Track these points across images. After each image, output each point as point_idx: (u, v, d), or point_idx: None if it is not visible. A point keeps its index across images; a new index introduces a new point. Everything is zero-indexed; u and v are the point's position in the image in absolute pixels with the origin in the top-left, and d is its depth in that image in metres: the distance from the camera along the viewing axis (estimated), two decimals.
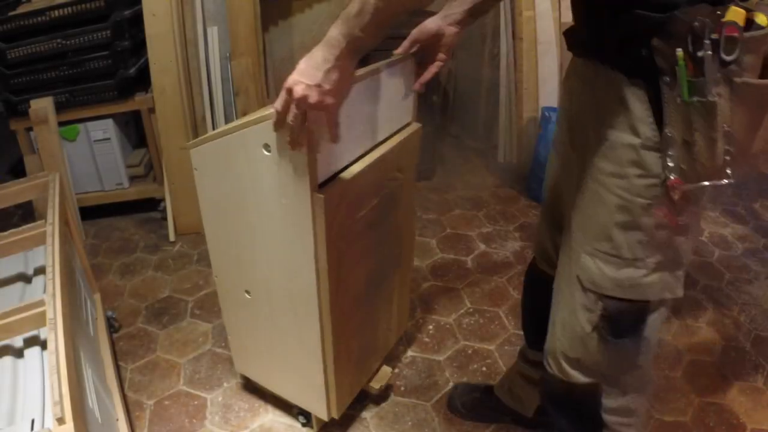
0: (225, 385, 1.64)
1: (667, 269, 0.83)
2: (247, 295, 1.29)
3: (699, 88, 0.68)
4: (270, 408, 1.56)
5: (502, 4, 2.73)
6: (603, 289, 0.84)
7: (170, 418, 1.53)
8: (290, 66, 0.88)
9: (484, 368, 1.68)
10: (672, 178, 0.74)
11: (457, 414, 1.50)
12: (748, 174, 0.77)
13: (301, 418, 1.49)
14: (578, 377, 0.93)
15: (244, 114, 2.55)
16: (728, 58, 0.67)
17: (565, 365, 0.94)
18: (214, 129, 2.52)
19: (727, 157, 0.71)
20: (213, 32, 2.43)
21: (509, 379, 1.42)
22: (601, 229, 0.83)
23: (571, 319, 0.90)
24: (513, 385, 1.39)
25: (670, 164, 0.74)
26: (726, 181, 0.73)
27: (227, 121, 2.57)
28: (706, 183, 0.74)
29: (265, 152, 1.02)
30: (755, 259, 2.17)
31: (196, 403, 1.58)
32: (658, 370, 1.66)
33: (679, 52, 0.68)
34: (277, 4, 2.76)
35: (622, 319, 0.85)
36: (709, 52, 0.67)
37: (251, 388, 1.62)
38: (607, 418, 0.96)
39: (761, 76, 0.70)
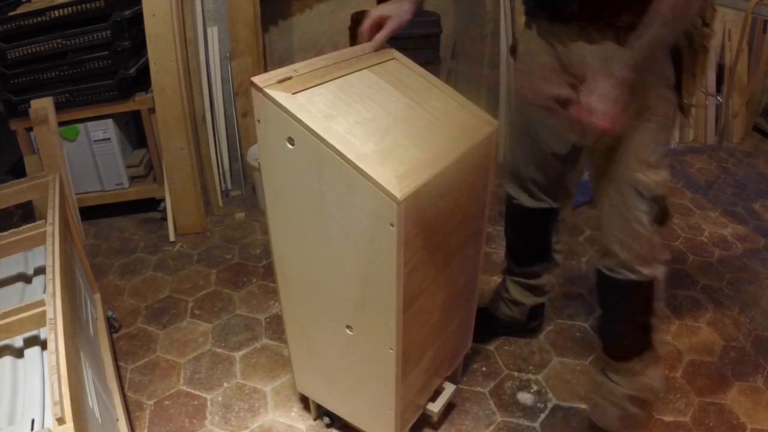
0: (225, 385, 1.64)
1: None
2: (348, 331, 1.21)
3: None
4: (270, 408, 1.56)
5: (501, 4, 2.73)
6: (655, 191, 1.14)
7: (170, 418, 1.53)
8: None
9: (484, 368, 1.68)
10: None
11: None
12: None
13: (326, 419, 1.48)
14: (642, 271, 1.19)
15: (244, 114, 2.56)
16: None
17: (636, 266, 1.18)
18: (214, 129, 2.53)
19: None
20: (213, 32, 2.43)
21: (501, 292, 1.70)
22: (649, 149, 1.12)
23: (636, 226, 1.16)
24: (508, 292, 1.67)
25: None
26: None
27: (227, 121, 2.57)
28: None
29: None
30: (755, 259, 2.17)
31: (196, 403, 1.58)
32: None
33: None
34: (277, 4, 2.76)
35: (663, 208, 1.16)
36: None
37: (251, 388, 1.62)
38: (655, 304, 1.24)
39: None
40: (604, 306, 1.32)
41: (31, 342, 1.13)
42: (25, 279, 1.38)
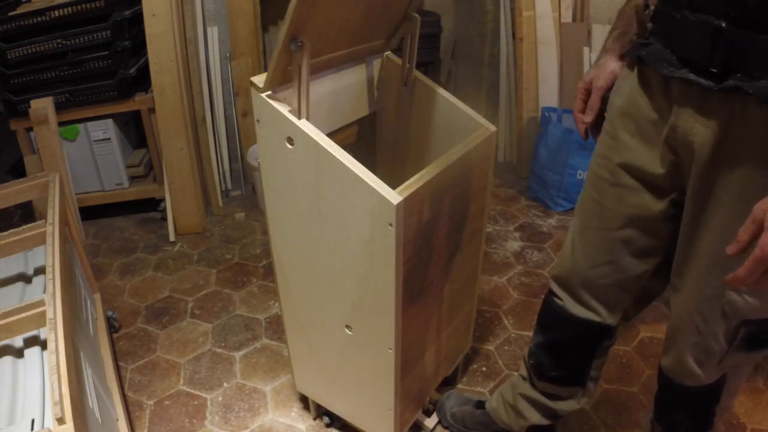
0: (225, 385, 1.64)
1: None
2: (348, 331, 1.20)
3: None
4: (270, 408, 1.56)
5: (501, 3, 2.73)
6: (747, 315, 0.87)
7: (170, 418, 1.53)
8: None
9: (484, 368, 1.68)
10: None
11: (443, 422, 1.48)
12: None
13: (326, 419, 1.49)
14: (711, 378, 0.99)
15: (244, 114, 2.56)
16: None
17: (700, 374, 0.98)
18: (214, 129, 2.53)
19: None
20: (213, 32, 2.43)
21: (504, 392, 1.36)
22: None
23: (709, 341, 0.93)
24: (513, 399, 1.33)
25: None
26: None
27: (227, 121, 2.57)
28: None
29: None
30: None
31: (196, 403, 1.58)
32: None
33: None
34: (277, 4, 2.76)
35: (760, 335, 0.90)
36: None
37: (251, 388, 1.62)
38: (716, 411, 1.05)
39: None
40: (664, 406, 1.13)
41: (31, 342, 1.13)
42: (25, 279, 1.38)
